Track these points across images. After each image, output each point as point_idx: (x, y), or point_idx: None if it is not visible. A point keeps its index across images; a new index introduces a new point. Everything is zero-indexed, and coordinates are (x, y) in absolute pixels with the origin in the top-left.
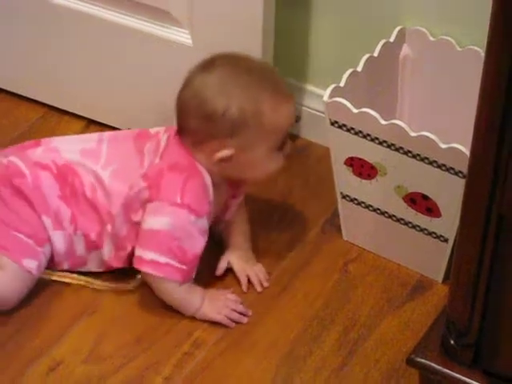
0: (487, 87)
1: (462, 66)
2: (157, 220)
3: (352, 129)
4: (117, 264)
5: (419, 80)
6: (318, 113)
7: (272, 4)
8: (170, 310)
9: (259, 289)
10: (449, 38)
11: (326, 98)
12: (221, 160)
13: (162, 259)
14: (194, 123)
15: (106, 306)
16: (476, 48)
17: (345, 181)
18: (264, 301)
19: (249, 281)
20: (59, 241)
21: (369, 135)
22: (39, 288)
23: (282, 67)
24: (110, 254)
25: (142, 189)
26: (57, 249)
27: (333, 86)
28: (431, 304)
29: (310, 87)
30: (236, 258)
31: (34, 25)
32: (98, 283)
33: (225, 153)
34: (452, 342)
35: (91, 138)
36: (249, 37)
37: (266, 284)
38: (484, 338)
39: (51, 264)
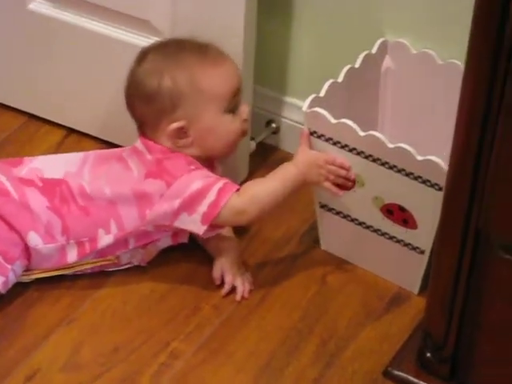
0: (465, 102)
1: (442, 80)
2: (189, 189)
3: (330, 139)
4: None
5: (400, 92)
6: (297, 124)
7: (253, 15)
8: (148, 319)
9: (239, 298)
10: (430, 51)
11: (305, 108)
12: (176, 135)
13: (211, 197)
14: (141, 110)
15: (84, 314)
16: (457, 62)
17: (323, 191)
18: (242, 311)
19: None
20: (50, 254)
21: (347, 146)
22: (17, 297)
23: (262, 78)
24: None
25: (155, 184)
26: (45, 260)
27: (312, 96)
28: (409, 316)
29: (290, 99)
30: (229, 264)
31: (15, 33)
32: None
33: (175, 125)
34: (429, 354)
35: (75, 160)
36: (229, 46)
37: (246, 295)
38: (461, 352)
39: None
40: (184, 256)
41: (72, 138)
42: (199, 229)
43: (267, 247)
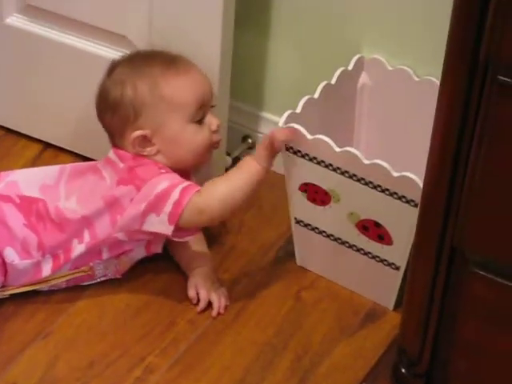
0: (441, 118)
1: (418, 96)
2: (156, 189)
3: (307, 155)
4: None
5: (376, 108)
6: None
7: (230, 30)
8: (124, 334)
9: (215, 314)
10: (406, 68)
11: (281, 124)
12: (139, 143)
13: (175, 196)
14: (107, 119)
15: (60, 328)
16: (433, 79)
17: (299, 206)
18: (217, 327)
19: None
20: (26, 269)
21: (323, 162)
22: None
23: (238, 94)
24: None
25: (125, 189)
26: (21, 275)
27: (289, 111)
28: (384, 332)
29: (266, 114)
30: (203, 280)
31: None
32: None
33: (137, 133)
34: (403, 370)
35: (52, 173)
36: (206, 62)
37: (222, 311)
38: (435, 368)
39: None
40: (159, 269)
41: (49, 152)
42: (167, 229)
43: (242, 262)
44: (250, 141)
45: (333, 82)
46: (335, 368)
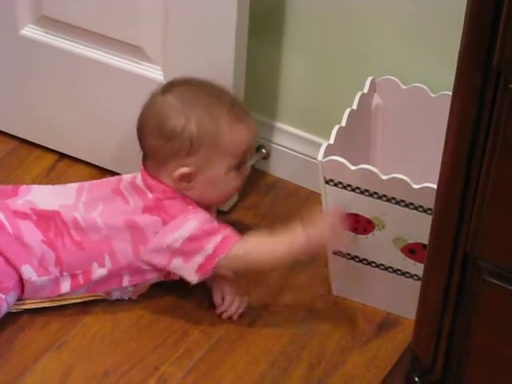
0: (453, 129)
1: (436, 112)
2: (185, 229)
3: (349, 185)
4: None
5: (393, 129)
6: (286, 149)
7: (244, 41)
8: (138, 343)
9: (226, 316)
10: (421, 85)
11: (320, 158)
12: (181, 178)
13: (208, 249)
14: (155, 143)
15: (74, 339)
16: (449, 93)
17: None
18: (231, 336)
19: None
20: (43, 285)
21: (367, 191)
22: (6, 321)
23: (251, 103)
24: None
25: (151, 220)
26: (38, 291)
27: (325, 144)
28: (397, 341)
29: (281, 124)
30: (229, 285)
31: (7, 58)
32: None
33: (184, 170)
34: (417, 379)
35: (70, 193)
36: (220, 72)
37: (235, 317)
38: (449, 376)
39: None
40: (173, 284)
41: (63, 162)
42: (192, 277)
43: (256, 271)
44: (263, 151)
45: (354, 107)
46: (349, 377)
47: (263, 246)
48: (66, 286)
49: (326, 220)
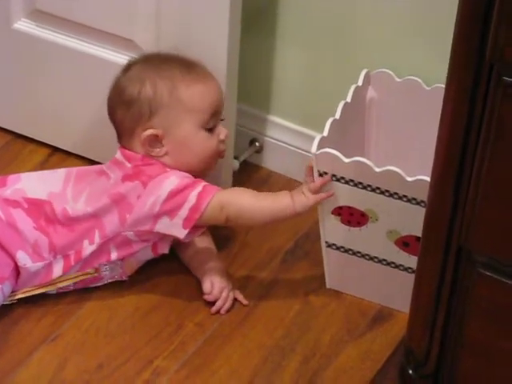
0: (446, 121)
1: (431, 104)
2: (165, 187)
3: (342, 178)
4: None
5: (387, 121)
6: (279, 143)
7: (237, 34)
8: (132, 336)
9: (214, 311)
10: (416, 78)
11: (314, 150)
12: (150, 143)
13: (191, 200)
14: (120, 115)
15: (68, 331)
16: (443, 85)
17: (331, 230)
18: (225, 329)
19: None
20: (37, 272)
21: (360, 183)
22: (1, 314)
23: (246, 97)
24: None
25: (131, 185)
26: (32, 278)
27: (319, 136)
28: (391, 334)
29: (274, 117)
30: (219, 276)
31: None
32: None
33: (149, 131)
34: (410, 372)
35: (58, 179)
36: (213, 65)
37: (223, 312)
38: (443, 369)
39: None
40: (167, 271)
41: (56, 156)
42: (181, 233)
43: (250, 265)
44: (257, 144)
45: (348, 99)
46: (343, 370)
47: (247, 198)
48: (58, 270)
49: (311, 186)
